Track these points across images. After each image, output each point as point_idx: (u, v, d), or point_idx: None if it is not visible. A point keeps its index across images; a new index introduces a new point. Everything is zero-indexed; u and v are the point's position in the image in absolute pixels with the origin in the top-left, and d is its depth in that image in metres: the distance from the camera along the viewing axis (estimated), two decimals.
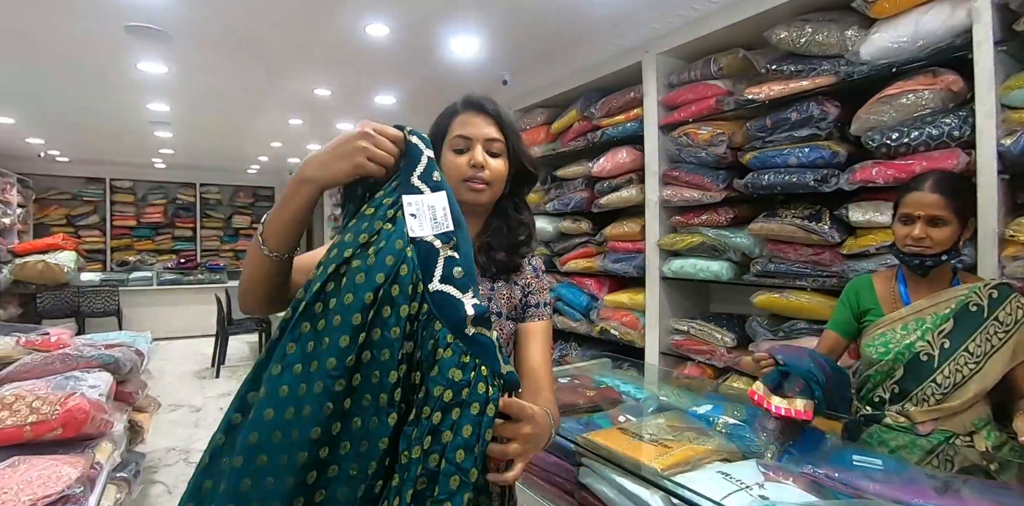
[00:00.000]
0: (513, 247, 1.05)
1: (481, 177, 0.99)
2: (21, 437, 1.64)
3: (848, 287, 1.60)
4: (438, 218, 0.80)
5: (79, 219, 7.56)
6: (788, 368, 1.37)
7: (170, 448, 3.49)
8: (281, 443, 0.69)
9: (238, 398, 0.75)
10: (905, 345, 1.41)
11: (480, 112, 1.03)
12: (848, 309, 1.56)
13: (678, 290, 2.62)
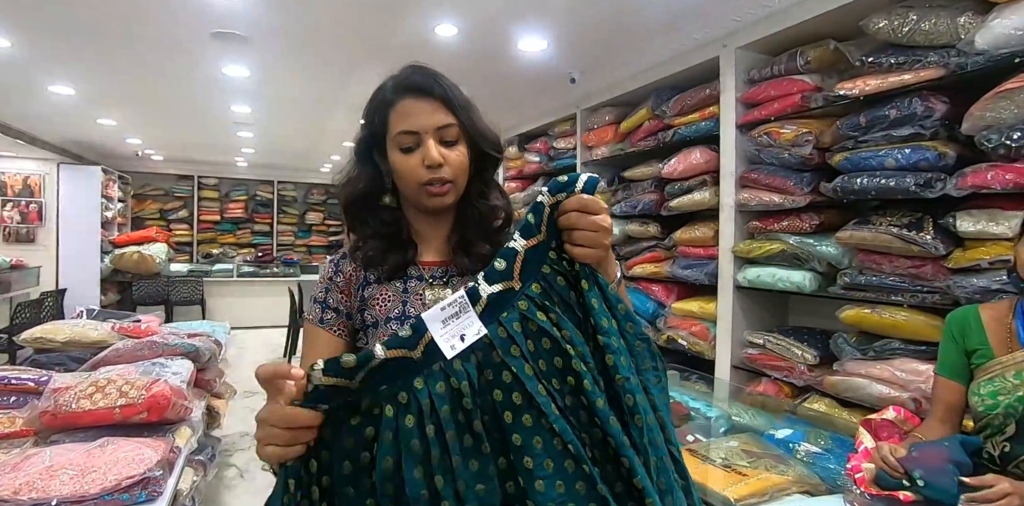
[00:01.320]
0: (492, 234, 0.94)
1: (442, 177, 0.86)
2: (111, 418, 1.74)
3: (949, 321, 1.35)
4: (454, 312, 0.69)
5: (170, 213, 8.07)
6: (928, 493, 1.08)
7: (244, 433, 3.65)
8: None
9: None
10: (1018, 398, 1.16)
11: (422, 95, 0.86)
12: (955, 346, 1.31)
13: (753, 300, 2.47)
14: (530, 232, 0.72)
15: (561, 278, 0.72)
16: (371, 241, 0.94)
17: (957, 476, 1.06)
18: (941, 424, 1.30)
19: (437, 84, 0.87)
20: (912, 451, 1.15)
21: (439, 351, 0.66)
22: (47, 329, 2.53)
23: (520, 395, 0.66)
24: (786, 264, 2.26)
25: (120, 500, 1.49)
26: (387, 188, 0.94)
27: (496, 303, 0.70)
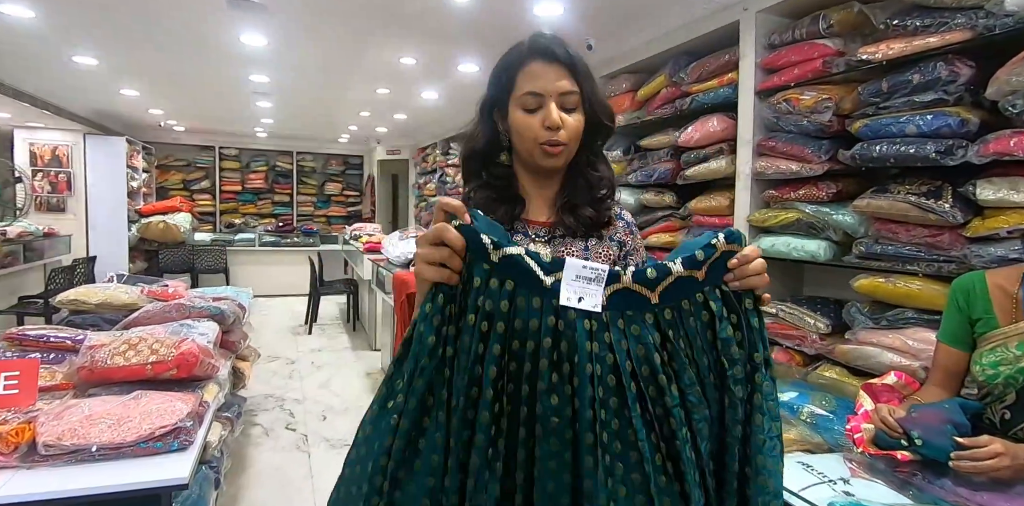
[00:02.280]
0: (597, 201, 0.99)
1: (558, 140, 0.91)
2: (143, 374, 1.84)
3: (954, 287, 1.34)
4: (592, 277, 0.73)
5: (193, 184, 8.21)
6: (924, 451, 1.11)
7: (267, 395, 3.79)
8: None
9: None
10: (1019, 369, 1.16)
11: (551, 60, 0.91)
12: (959, 313, 1.31)
13: (769, 269, 2.46)
14: (693, 265, 0.74)
15: (694, 319, 0.74)
16: (483, 191, 1.00)
17: (954, 436, 1.08)
18: (940, 389, 1.32)
19: (566, 52, 0.91)
20: (911, 412, 1.17)
21: (559, 291, 0.71)
22: (81, 292, 2.64)
23: (613, 378, 0.70)
24: (801, 233, 2.26)
25: (154, 448, 1.58)
26: (503, 147, 0.99)
27: (627, 298, 0.73)
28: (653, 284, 0.73)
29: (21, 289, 4.87)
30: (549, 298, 0.70)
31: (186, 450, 1.62)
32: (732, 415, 0.72)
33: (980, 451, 1.02)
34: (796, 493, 0.98)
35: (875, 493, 1.03)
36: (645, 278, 0.73)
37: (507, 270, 0.71)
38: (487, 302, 0.70)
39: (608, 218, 1.00)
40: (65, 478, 1.46)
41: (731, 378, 0.72)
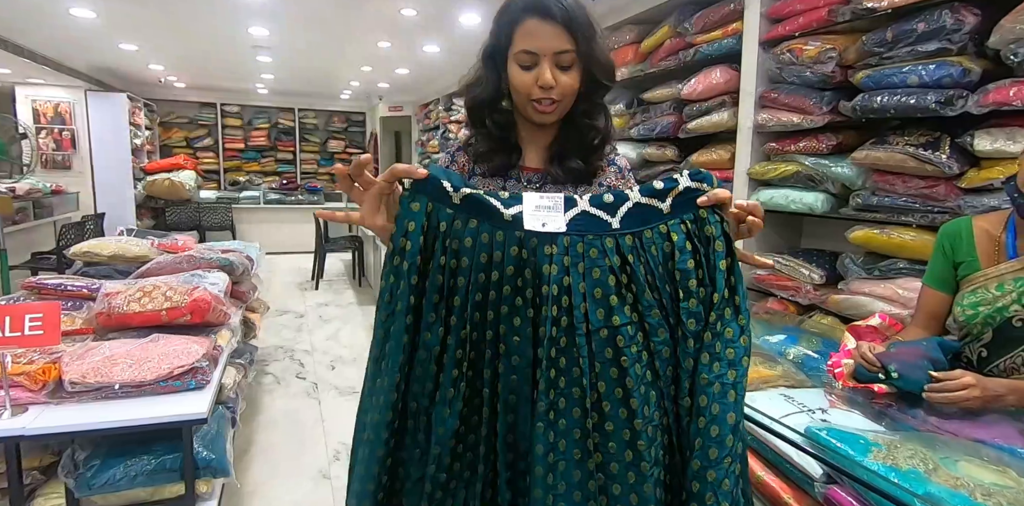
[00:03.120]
0: (587, 152, 1.02)
1: (550, 98, 0.94)
2: (159, 320, 1.92)
3: (942, 232, 1.37)
4: (550, 205, 0.77)
5: (196, 141, 8.18)
6: (900, 384, 1.16)
7: (278, 346, 3.91)
8: None
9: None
10: (997, 308, 1.21)
11: (547, 18, 0.90)
12: (944, 258, 1.35)
13: (766, 222, 2.46)
14: (652, 193, 0.78)
15: (656, 248, 0.77)
16: (484, 140, 1.04)
17: (929, 371, 1.14)
18: (922, 331, 1.37)
19: (563, 9, 0.90)
20: (891, 348, 1.23)
21: (523, 222, 0.76)
22: (93, 244, 2.70)
23: (567, 299, 0.74)
24: (800, 186, 2.28)
25: (173, 386, 1.68)
26: (505, 93, 1.01)
27: (585, 222, 0.77)
28: (611, 208, 0.77)
29: (34, 245, 4.95)
30: (511, 230, 0.76)
31: (203, 389, 1.72)
32: (683, 348, 0.75)
33: (952, 383, 1.09)
34: (777, 420, 1.04)
35: (851, 421, 1.09)
36: (602, 202, 0.78)
37: (469, 210, 0.76)
38: (453, 242, 0.76)
39: (596, 168, 1.03)
40: (92, 413, 1.56)
41: (684, 310, 0.75)
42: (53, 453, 1.69)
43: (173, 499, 1.68)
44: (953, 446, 0.99)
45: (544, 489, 0.71)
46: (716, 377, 0.72)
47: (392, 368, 0.75)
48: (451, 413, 0.75)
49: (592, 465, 0.72)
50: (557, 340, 0.73)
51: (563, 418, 0.73)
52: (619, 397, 0.72)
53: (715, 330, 0.74)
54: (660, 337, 0.75)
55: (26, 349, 1.70)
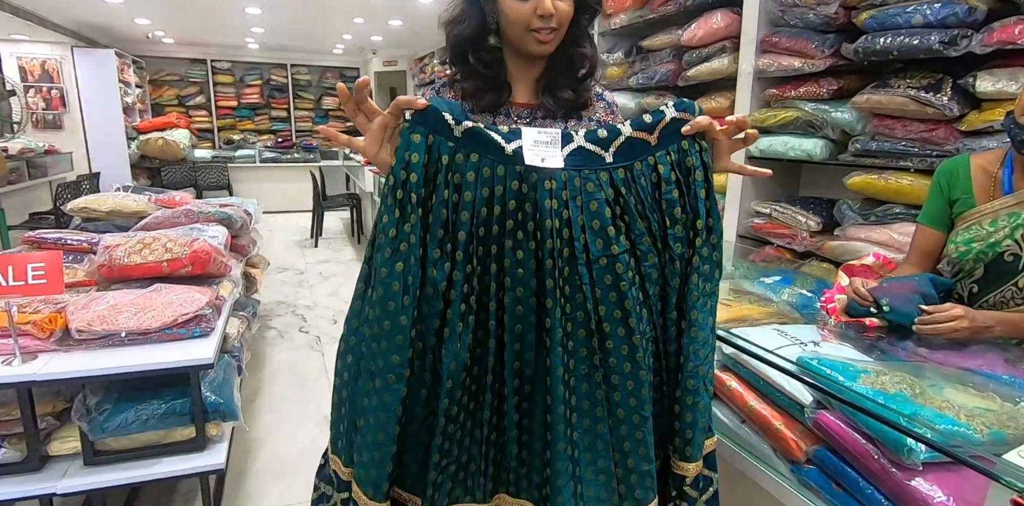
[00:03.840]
0: (577, 82, 1.01)
1: (549, 27, 0.92)
2: (160, 271, 1.94)
3: (939, 171, 1.36)
4: (547, 140, 0.79)
5: (188, 99, 8.03)
6: (892, 317, 1.17)
7: (280, 302, 3.96)
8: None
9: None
10: (989, 244, 1.21)
11: None
12: (940, 196, 1.34)
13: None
14: (642, 127, 0.81)
15: (645, 179, 0.81)
16: (471, 78, 1.02)
17: (920, 305, 1.17)
18: (914, 269, 1.38)
19: None
20: (883, 283, 1.25)
21: (523, 157, 0.77)
22: (91, 200, 2.69)
23: (567, 231, 0.78)
24: (799, 132, 2.26)
25: (178, 333, 1.71)
26: (491, 29, 0.99)
27: (581, 157, 0.80)
28: (605, 143, 0.80)
29: (31, 206, 4.94)
30: (512, 165, 0.77)
31: (208, 336, 1.75)
32: (671, 268, 0.82)
33: (941, 314, 1.11)
34: (771, 351, 1.06)
35: (842, 354, 1.11)
36: (596, 137, 0.80)
37: (470, 143, 0.77)
38: (455, 176, 0.77)
39: (588, 100, 1.03)
40: (100, 359, 1.59)
41: (671, 236, 0.81)
42: (65, 400, 1.73)
43: (185, 442, 1.74)
44: (940, 374, 1.02)
45: (559, 402, 0.77)
46: (700, 292, 0.81)
47: (403, 308, 0.76)
48: (462, 346, 0.77)
49: (599, 378, 0.79)
50: (561, 270, 0.77)
51: (571, 340, 0.78)
52: (618, 318, 0.78)
53: (701, 253, 0.82)
54: (650, 261, 0.81)
55: (31, 299, 1.72)
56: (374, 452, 0.77)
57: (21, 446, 1.63)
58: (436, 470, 0.78)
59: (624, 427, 0.80)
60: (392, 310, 0.75)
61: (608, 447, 0.80)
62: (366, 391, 0.78)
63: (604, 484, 0.81)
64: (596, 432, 0.80)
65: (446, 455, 0.78)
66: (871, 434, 0.91)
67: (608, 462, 0.81)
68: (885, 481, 0.88)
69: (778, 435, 1.06)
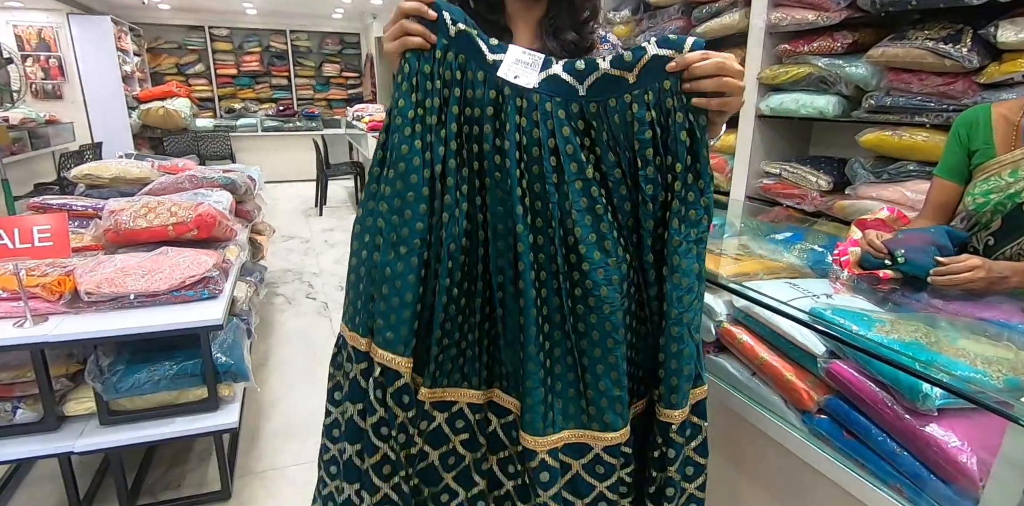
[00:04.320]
0: (581, 25, 0.99)
1: None
2: (166, 235, 1.93)
3: (958, 121, 1.31)
4: (528, 62, 0.80)
5: (187, 68, 7.93)
6: (907, 269, 1.15)
7: (286, 269, 3.97)
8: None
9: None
10: (1008, 195, 1.17)
11: None
12: (959, 147, 1.29)
13: (775, 130, 2.45)
14: (621, 64, 0.78)
15: (619, 117, 0.79)
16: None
17: (936, 256, 1.15)
18: (929, 222, 1.36)
19: None
20: (898, 235, 1.23)
21: (498, 69, 0.79)
22: (94, 166, 2.67)
23: (537, 150, 0.80)
24: (812, 89, 2.20)
25: (186, 295, 1.71)
26: None
27: (554, 85, 0.79)
28: (581, 76, 0.79)
29: (35, 177, 4.92)
30: (491, 73, 0.79)
31: (216, 298, 1.76)
32: (644, 210, 0.80)
33: (957, 265, 1.09)
34: (784, 302, 1.05)
35: (855, 305, 1.10)
36: (574, 68, 0.79)
37: (460, 44, 0.80)
38: (446, 72, 0.80)
39: (591, 42, 1.00)
40: (110, 321, 1.60)
41: (642, 177, 0.79)
42: (78, 362, 1.75)
43: (198, 402, 1.76)
44: (955, 324, 1.01)
45: (530, 306, 0.79)
46: (684, 238, 0.79)
47: (424, 180, 0.80)
48: (459, 231, 0.81)
49: (576, 293, 0.81)
50: (530, 184, 0.80)
51: (542, 253, 0.80)
52: (594, 241, 0.79)
53: (681, 197, 0.79)
54: (621, 193, 0.81)
55: (38, 262, 1.72)
56: (403, 311, 0.80)
57: (37, 407, 1.65)
58: (438, 346, 0.81)
59: (598, 349, 0.80)
60: (415, 183, 0.80)
61: (577, 363, 0.82)
62: (387, 261, 0.81)
63: (573, 400, 0.83)
64: (566, 346, 0.81)
65: (447, 334, 0.82)
66: (885, 381, 0.90)
67: (576, 378, 0.82)
68: (898, 427, 0.88)
69: (789, 386, 1.06)
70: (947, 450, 0.82)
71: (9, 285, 1.59)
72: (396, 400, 0.82)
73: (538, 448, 0.81)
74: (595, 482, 0.85)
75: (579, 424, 0.83)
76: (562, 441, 0.83)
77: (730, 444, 1.24)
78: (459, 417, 0.85)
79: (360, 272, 0.86)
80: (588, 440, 0.83)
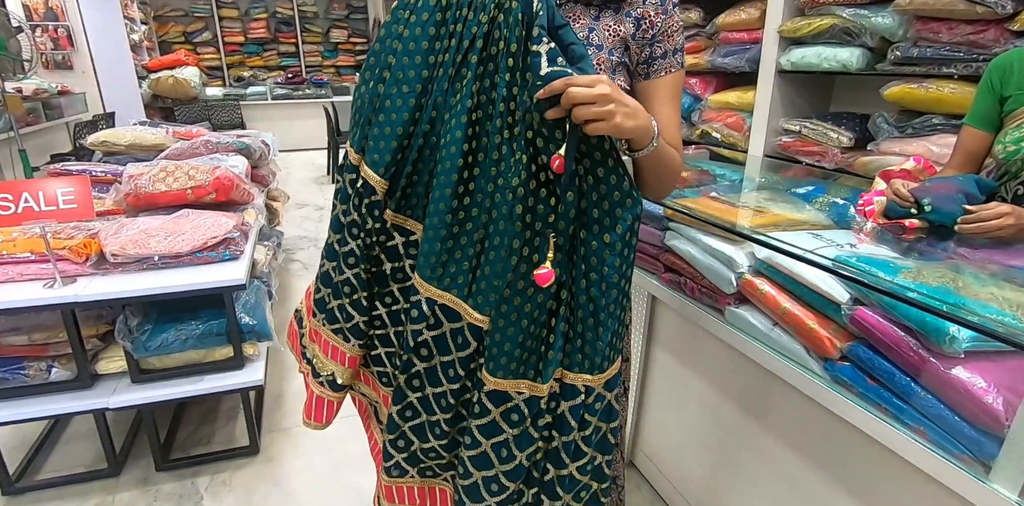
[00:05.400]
0: None
1: None
2: (185, 199, 1.95)
3: (991, 67, 1.27)
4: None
5: (194, 36, 7.84)
6: (933, 217, 1.13)
7: (302, 236, 4.01)
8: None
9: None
10: None
11: None
12: (991, 93, 1.25)
13: (795, 86, 2.39)
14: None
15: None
16: None
17: (964, 205, 1.12)
18: (956, 172, 1.33)
19: None
20: (925, 183, 1.21)
21: None
22: (110, 133, 2.68)
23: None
24: (835, 42, 2.13)
25: (208, 256, 1.74)
26: None
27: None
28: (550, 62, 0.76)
29: (51, 148, 4.94)
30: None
31: (238, 259, 1.78)
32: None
33: (986, 212, 1.07)
34: (810, 250, 1.04)
35: (880, 254, 1.09)
36: (555, 58, 0.75)
37: None
38: None
39: None
40: (137, 281, 1.63)
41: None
42: (107, 323, 1.80)
43: (225, 361, 1.81)
44: (983, 272, 1.00)
45: (457, 156, 0.84)
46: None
47: (428, 36, 0.84)
48: (450, 89, 0.85)
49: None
50: (482, 61, 0.82)
51: (481, 128, 0.84)
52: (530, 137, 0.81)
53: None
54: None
55: (63, 225, 1.75)
56: (390, 141, 0.87)
57: (71, 366, 1.71)
58: (407, 179, 0.89)
59: (529, 232, 0.82)
60: (419, 35, 0.85)
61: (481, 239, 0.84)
62: (389, 94, 0.87)
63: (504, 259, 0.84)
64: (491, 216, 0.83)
65: (417, 172, 0.89)
66: (911, 326, 0.90)
67: (476, 252, 0.85)
68: (924, 371, 0.88)
69: (812, 334, 1.06)
70: (973, 391, 0.82)
71: (37, 248, 1.62)
72: (368, 210, 0.91)
73: (422, 291, 0.87)
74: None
75: (461, 294, 0.86)
76: (441, 299, 0.87)
77: (750, 396, 1.25)
78: (414, 245, 0.92)
79: (366, 98, 0.91)
80: (460, 310, 0.87)
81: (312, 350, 1.07)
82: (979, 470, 0.81)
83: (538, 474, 0.90)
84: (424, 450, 0.96)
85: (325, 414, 1.08)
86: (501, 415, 0.85)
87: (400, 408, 0.94)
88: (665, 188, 0.96)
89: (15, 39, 4.59)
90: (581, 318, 0.83)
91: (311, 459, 1.91)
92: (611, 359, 0.87)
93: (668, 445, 1.65)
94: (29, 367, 1.67)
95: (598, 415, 0.88)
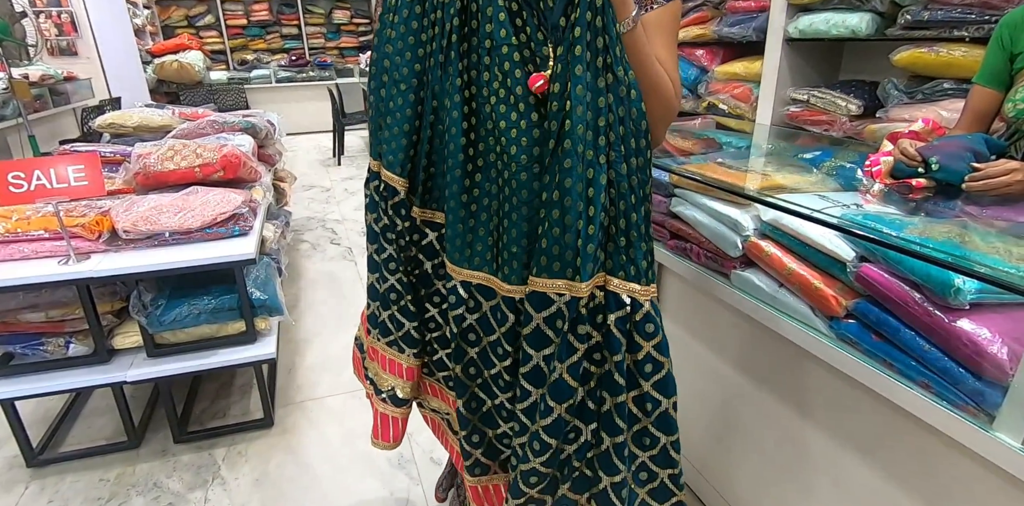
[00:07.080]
0: None
1: None
2: (193, 177, 1.96)
3: (1002, 22, 1.25)
4: None
5: (196, 19, 7.80)
6: (941, 176, 1.12)
7: (310, 217, 4.03)
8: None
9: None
10: None
11: None
12: (1001, 51, 1.24)
13: (803, 55, 2.35)
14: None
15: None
16: None
17: (972, 163, 1.12)
18: (965, 131, 1.32)
19: None
20: (932, 142, 1.20)
21: None
22: (117, 115, 2.69)
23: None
24: (844, 7, 2.09)
25: (218, 232, 1.76)
26: None
27: None
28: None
29: (59, 134, 4.97)
30: None
31: (247, 235, 1.80)
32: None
33: (994, 169, 1.06)
34: (816, 209, 1.03)
35: (886, 212, 1.09)
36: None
37: None
38: None
39: None
40: (149, 257, 1.66)
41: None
42: (121, 299, 1.83)
43: (237, 335, 1.84)
44: (989, 228, 1.00)
45: (460, 154, 0.85)
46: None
47: (420, 28, 0.85)
48: (441, 76, 0.86)
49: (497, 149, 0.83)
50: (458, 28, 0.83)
51: (472, 103, 0.84)
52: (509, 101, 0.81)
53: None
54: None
55: (75, 203, 1.77)
56: (400, 140, 0.88)
57: (88, 341, 1.74)
58: (425, 173, 0.91)
59: (513, 200, 0.82)
60: (404, 32, 0.86)
61: (498, 211, 0.85)
62: (391, 96, 0.88)
63: (491, 246, 0.87)
64: (489, 190, 0.85)
65: (433, 164, 0.91)
66: (916, 280, 0.90)
67: (495, 226, 0.86)
68: (928, 324, 0.88)
69: (817, 294, 1.07)
70: (977, 342, 0.82)
71: (50, 225, 1.64)
72: (395, 211, 0.93)
73: (456, 276, 0.89)
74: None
75: (491, 270, 0.87)
76: (474, 279, 0.88)
77: (756, 359, 1.26)
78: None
79: (378, 106, 0.93)
80: (493, 285, 0.87)
81: (373, 368, 1.09)
82: (984, 420, 0.82)
83: (594, 405, 0.87)
84: (498, 437, 0.96)
85: (392, 432, 1.09)
86: (545, 321, 0.82)
87: (465, 400, 0.95)
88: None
89: (19, 24, 4.60)
90: (613, 217, 0.81)
91: (325, 430, 1.95)
92: (653, 272, 0.86)
93: None
94: (48, 343, 1.71)
95: (648, 338, 0.86)
